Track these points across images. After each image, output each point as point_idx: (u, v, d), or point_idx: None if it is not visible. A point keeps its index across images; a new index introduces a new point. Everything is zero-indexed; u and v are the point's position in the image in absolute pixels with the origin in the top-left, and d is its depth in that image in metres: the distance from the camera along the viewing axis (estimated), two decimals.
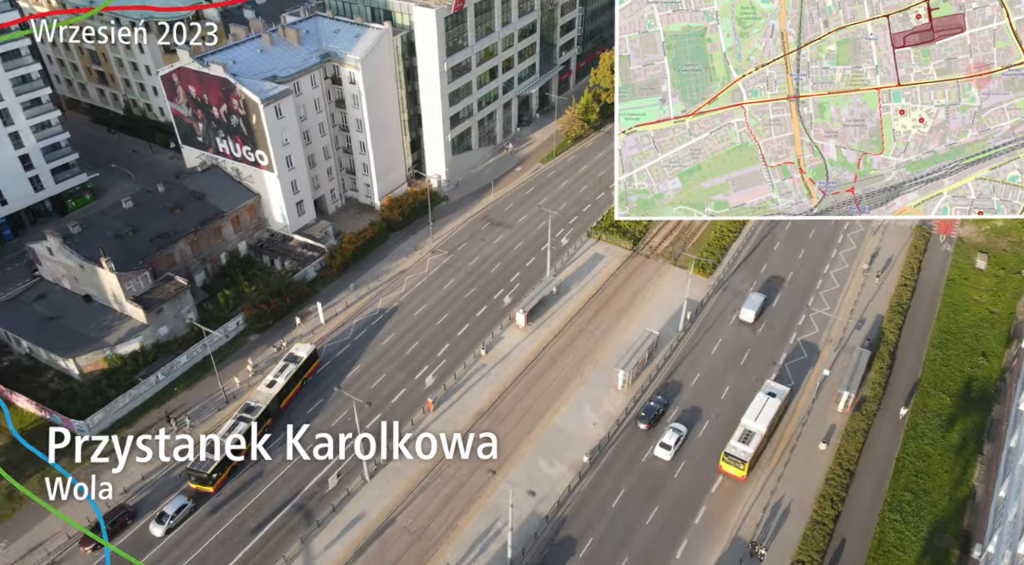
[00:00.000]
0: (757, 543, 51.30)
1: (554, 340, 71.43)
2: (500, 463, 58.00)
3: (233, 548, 52.15)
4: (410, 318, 74.44)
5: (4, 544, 51.99)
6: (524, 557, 51.49)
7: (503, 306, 75.78)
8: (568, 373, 67.62)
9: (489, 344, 70.76)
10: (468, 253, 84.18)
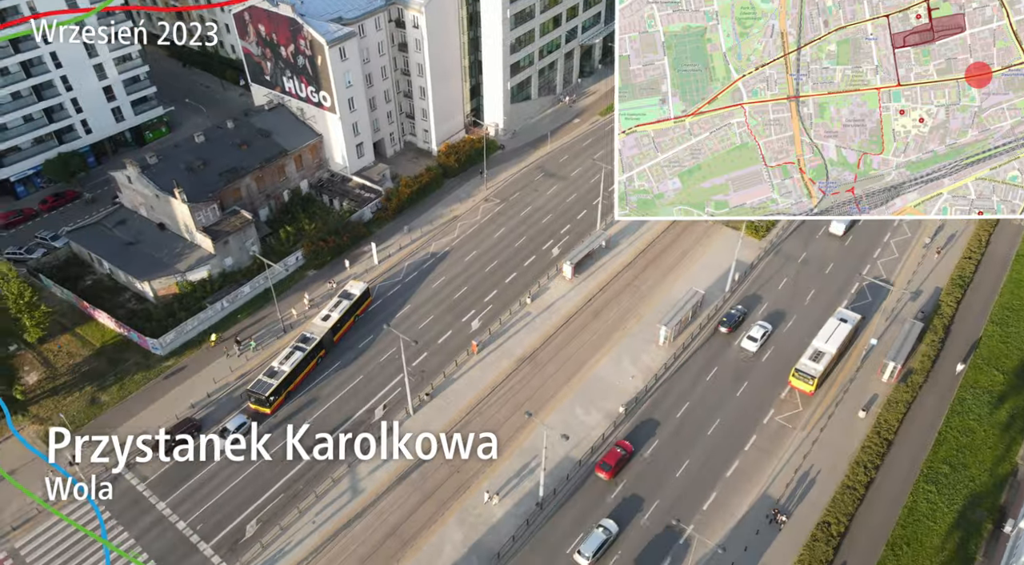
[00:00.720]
0: (779, 510, 51.62)
1: (599, 293, 71.74)
2: (538, 407, 59.63)
3: (286, 466, 55.66)
4: (460, 263, 75.76)
5: (87, 443, 56.79)
6: (555, 497, 53.37)
7: (551, 257, 76.20)
8: (611, 326, 68.08)
9: (535, 293, 71.61)
10: (521, 203, 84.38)
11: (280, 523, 51.39)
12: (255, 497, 53.38)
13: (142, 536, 50.73)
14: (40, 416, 58.87)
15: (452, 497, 53.32)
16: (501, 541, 50.31)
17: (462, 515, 52.08)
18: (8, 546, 49.98)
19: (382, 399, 60.65)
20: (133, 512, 52.30)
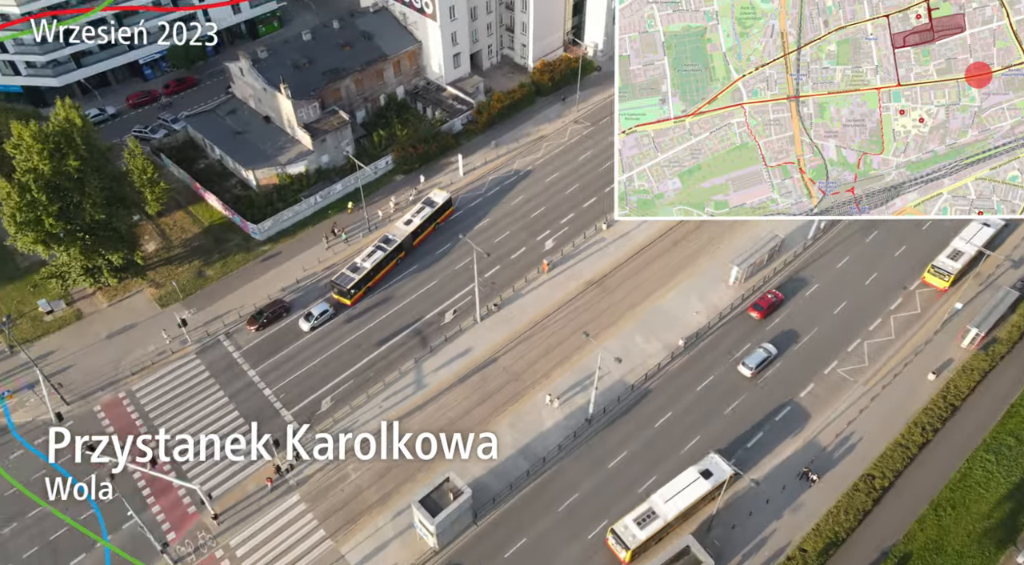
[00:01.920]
0: (811, 469, 51.30)
1: (677, 226, 70.31)
2: (598, 330, 60.60)
3: (361, 353, 59.82)
4: (541, 183, 75.66)
5: (193, 310, 62.81)
6: (604, 415, 55.11)
7: None
8: (683, 261, 67.11)
9: (613, 219, 71.06)
10: (610, 127, 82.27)
11: (351, 403, 55.82)
12: (331, 377, 57.92)
13: (234, 396, 56.43)
14: (156, 281, 65.09)
15: (507, 402, 56.02)
16: (548, 448, 52.91)
17: (514, 420, 54.83)
18: (127, 388, 56.95)
19: (453, 304, 63.19)
20: (228, 375, 58.03)
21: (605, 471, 51.65)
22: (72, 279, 60.84)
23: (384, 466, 51.83)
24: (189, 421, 54.75)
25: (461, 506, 46.32)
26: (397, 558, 46.83)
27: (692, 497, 46.96)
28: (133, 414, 55.22)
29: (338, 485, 50.83)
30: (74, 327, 61.34)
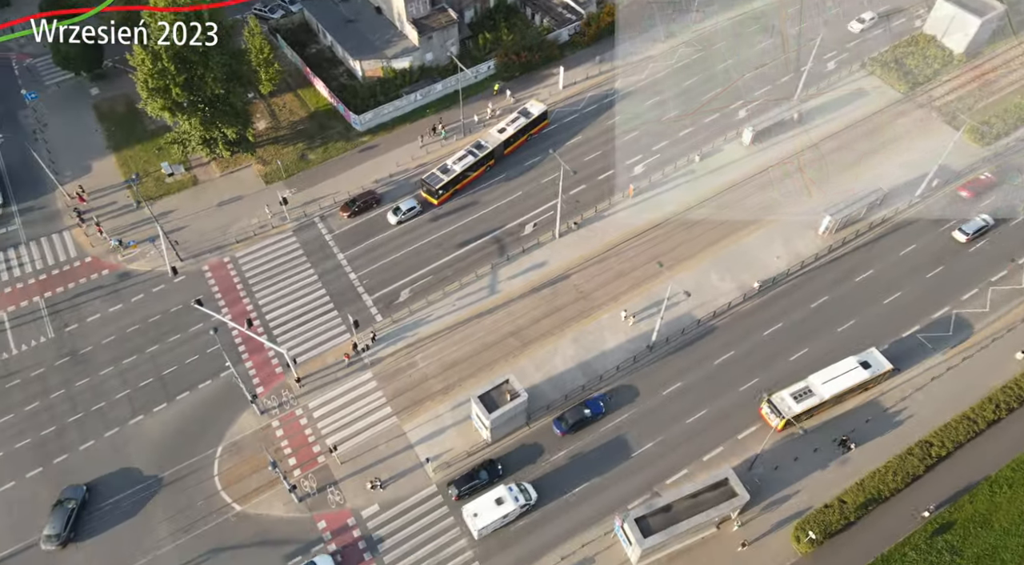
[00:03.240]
0: (849, 438, 49.51)
1: (774, 167, 66.32)
2: (672, 262, 59.32)
3: (441, 252, 61.17)
4: (640, 104, 72.19)
5: (294, 190, 65.41)
6: (666, 344, 54.92)
7: (736, 118, 70.34)
8: (773, 203, 63.67)
9: (707, 152, 67.61)
10: (722, 54, 76.63)
11: (427, 298, 57.82)
12: (411, 270, 59.81)
13: (323, 276, 59.47)
14: (263, 159, 67.77)
15: (573, 318, 56.55)
16: (606, 367, 53.61)
17: (578, 336, 55.51)
18: (231, 254, 60.94)
19: (534, 217, 62.95)
20: (318, 255, 60.91)
21: (658, 398, 52.10)
22: (191, 147, 64.16)
23: (450, 360, 54.16)
24: (281, 292, 58.36)
25: (516, 407, 48.20)
26: (453, 444, 49.77)
27: (848, 383, 49.12)
28: (235, 278, 59.31)
29: (407, 370, 53.69)
30: (190, 191, 65.31)
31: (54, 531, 44.92)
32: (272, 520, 46.30)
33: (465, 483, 47.03)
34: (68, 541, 45.23)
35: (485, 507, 45.06)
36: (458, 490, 46.79)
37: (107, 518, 46.51)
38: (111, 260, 59.97)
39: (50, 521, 45.25)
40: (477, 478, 47.28)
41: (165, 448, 49.47)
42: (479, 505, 45.24)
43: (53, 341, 54.97)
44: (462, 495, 46.78)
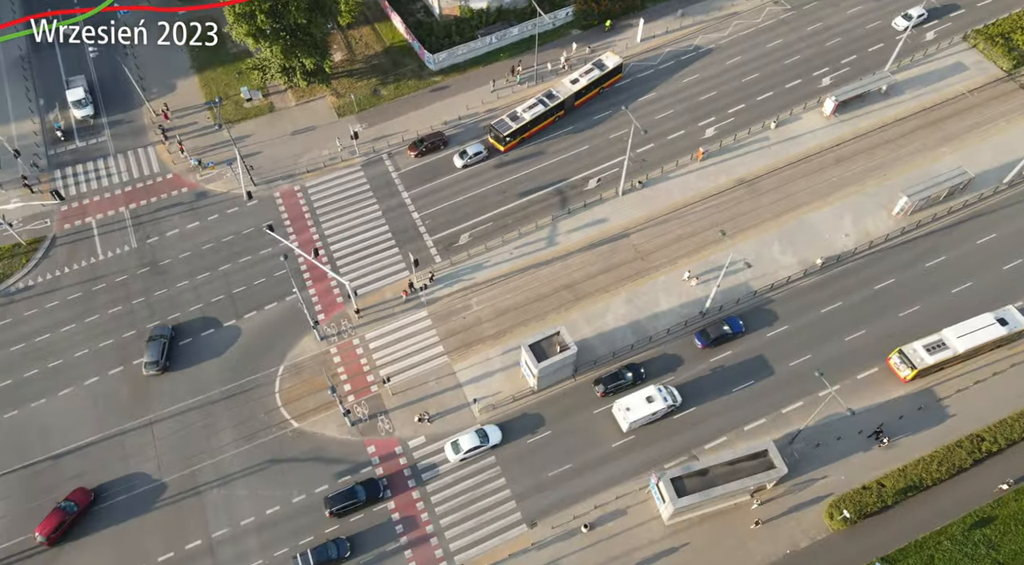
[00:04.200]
0: (881, 430, 47.47)
1: (852, 140, 62.23)
2: (735, 231, 57.00)
3: (503, 200, 60.11)
4: (720, 65, 68.16)
5: (365, 125, 64.81)
6: (719, 312, 53.38)
7: (818, 86, 65.83)
8: (848, 178, 60.06)
9: (783, 120, 63.75)
10: (813, 15, 71.19)
11: (486, 243, 57.24)
12: (472, 215, 59.11)
13: (387, 212, 59.37)
14: (337, 91, 67.09)
15: (629, 278, 55.34)
16: (657, 328, 52.60)
17: (631, 296, 54.41)
18: (301, 182, 61.31)
19: (598, 172, 61.02)
20: (384, 192, 60.69)
21: (704, 365, 50.97)
22: (271, 74, 63.83)
23: (504, 307, 53.98)
24: (346, 224, 58.64)
25: (565, 359, 47.93)
26: (500, 388, 50.11)
27: (983, 338, 47.81)
28: (303, 206, 59.81)
29: (461, 312, 53.81)
30: (266, 118, 65.41)
31: (152, 358, 50.03)
32: (325, 439, 47.98)
33: (612, 381, 49.07)
34: (165, 369, 50.22)
35: (636, 403, 46.97)
36: (604, 387, 48.74)
37: (178, 423, 49.04)
38: (190, 179, 61.11)
39: (148, 351, 50.36)
40: (623, 378, 49.03)
41: (231, 361, 51.33)
42: (631, 401, 47.18)
43: (136, 251, 56.91)
44: (608, 392, 48.74)
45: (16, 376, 50.30)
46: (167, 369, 50.67)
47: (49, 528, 43.07)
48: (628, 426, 47.01)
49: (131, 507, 45.37)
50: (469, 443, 46.59)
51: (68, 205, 59.05)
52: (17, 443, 47.57)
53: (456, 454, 46.48)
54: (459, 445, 46.62)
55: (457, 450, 46.56)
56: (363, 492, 44.68)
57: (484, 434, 47.06)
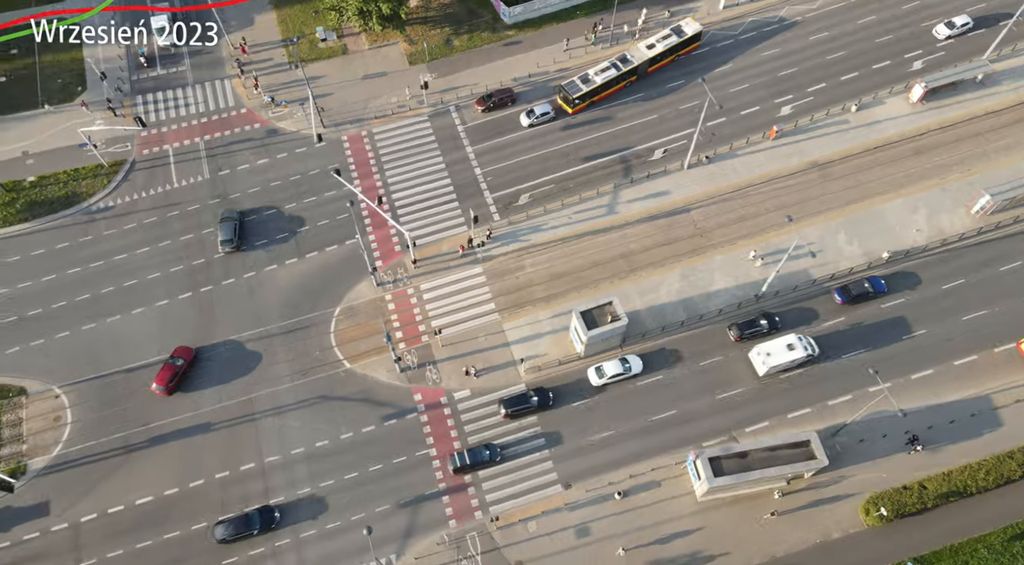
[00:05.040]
0: (917, 439, 45.13)
1: (938, 131, 57.65)
2: (801, 216, 53.98)
3: (567, 163, 57.99)
4: (803, 40, 63.43)
5: (435, 75, 62.90)
6: (775, 297, 51.13)
7: (908, 70, 60.81)
8: (927, 170, 55.95)
9: (865, 104, 59.31)
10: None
11: (546, 205, 55.60)
12: (534, 176, 57.30)
13: (450, 165, 58.01)
14: (411, 38, 65.01)
15: (686, 253, 53.26)
16: (709, 308, 50.79)
17: (687, 272, 52.44)
18: (368, 128, 60.24)
19: (666, 143, 58.08)
20: (448, 145, 59.15)
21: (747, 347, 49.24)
22: (347, 16, 62.03)
23: (558, 271, 52.77)
24: (409, 173, 57.62)
25: (615, 329, 46.76)
26: (546, 349, 49.40)
27: None
28: (369, 152, 58.91)
29: (515, 272, 52.82)
30: (340, 59, 64.02)
31: (226, 237, 52.63)
32: (375, 382, 48.36)
33: (748, 328, 48.82)
34: (238, 248, 52.78)
35: (777, 350, 46.76)
36: (740, 333, 48.60)
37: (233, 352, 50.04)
38: (262, 115, 60.62)
39: (221, 231, 52.88)
40: (758, 325, 48.77)
41: (291, 298, 51.78)
42: (771, 347, 46.94)
43: (208, 181, 57.22)
44: (744, 338, 48.57)
45: (94, 291, 51.83)
46: (239, 249, 52.95)
47: (165, 378, 46.95)
48: (766, 370, 46.75)
49: None
50: (613, 369, 47.04)
51: (148, 131, 59.45)
52: (92, 354, 49.33)
53: (600, 378, 47.08)
54: (603, 370, 47.16)
55: (601, 375, 47.09)
56: (538, 400, 46.36)
57: (627, 362, 47.59)
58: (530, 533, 43.16)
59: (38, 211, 55.05)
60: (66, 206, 55.48)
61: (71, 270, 52.63)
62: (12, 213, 54.71)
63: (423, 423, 46.91)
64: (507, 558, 42.45)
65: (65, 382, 48.10)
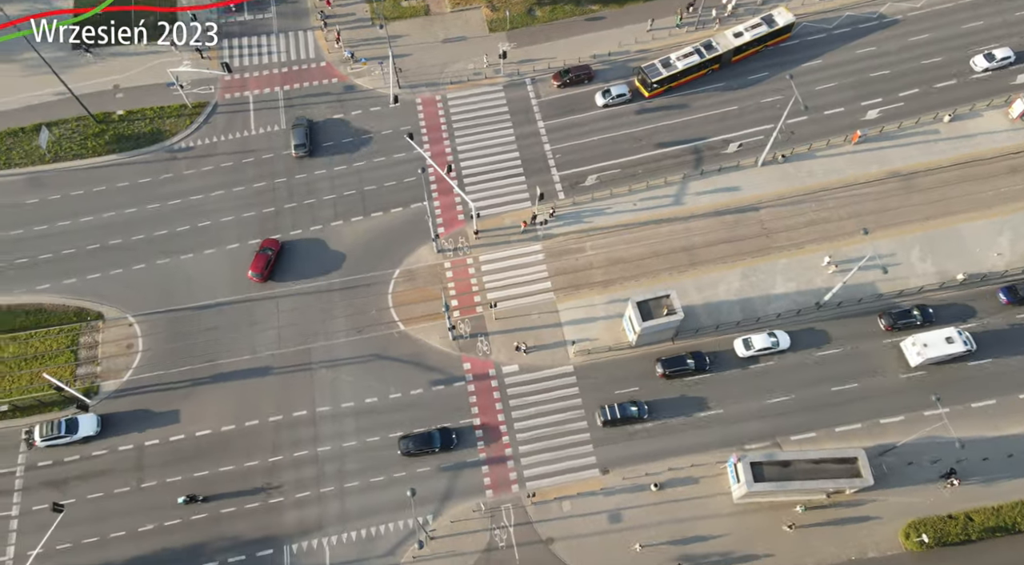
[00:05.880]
0: (953, 472, 42.52)
1: None
2: (876, 228, 50.74)
3: (638, 148, 55.31)
4: (901, 40, 58.61)
5: (513, 45, 60.31)
6: (837, 308, 48.42)
7: (1012, 82, 55.71)
8: (1019, 192, 51.65)
9: (959, 114, 54.78)
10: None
11: (612, 189, 53.52)
12: (603, 157, 54.97)
13: (519, 139, 55.94)
14: (493, 4, 62.23)
15: (749, 253, 50.77)
16: (767, 310, 48.59)
17: (748, 272, 50.10)
18: (442, 94, 58.66)
19: (741, 137, 54.96)
20: (520, 117, 56.88)
21: (808, 357, 46.95)
22: None
23: (617, 257, 51.08)
24: (479, 142, 56.05)
25: (669, 323, 45.18)
26: (598, 334, 48.19)
27: None
28: (441, 117, 57.45)
29: (574, 253, 51.35)
30: (421, 20, 62.10)
31: (299, 141, 54.63)
32: (427, 347, 48.09)
33: (901, 318, 47.04)
34: (310, 153, 54.77)
35: (935, 341, 45.17)
36: (894, 323, 46.93)
37: None
38: (341, 70, 59.55)
39: (294, 136, 54.83)
40: (911, 316, 47.01)
41: (353, 254, 51.56)
42: (929, 338, 45.36)
43: (283, 132, 56.78)
44: (896, 328, 46.93)
45: (171, 228, 52.54)
46: (311, 154, 54.64)
47: (260, 266, 49.75)
48: (919, 361, 45.18)
49: None
50: (761, 343, 46.27)
51: (231, 76, 59.17)
52: (165, 288, 50.28)
53: (747, 350, 46.38)
54: (751, 342, 46.42)
55: (748, 347, 46.37)
56: (695, 362, 46.08)
57: (775, 336, 46.54)
58: (563, 512, 42.88)
59: (124, 145, 55.71)
60: (150, 142, 55.99)
61: (150, 205, 53.39)
62: (101, 144, 55.53)
63: (469, 392, 46.63)
64: (539, 533, 42.36)
65: (139, 312, 49.28)
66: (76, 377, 46.76)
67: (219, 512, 42.96)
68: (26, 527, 42.25)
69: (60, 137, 55.24)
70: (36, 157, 54.66)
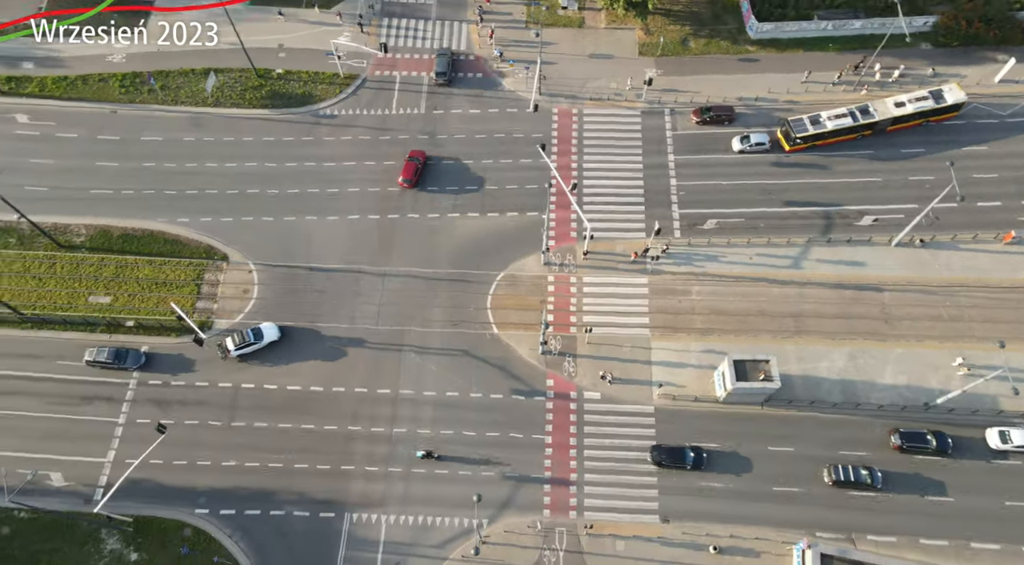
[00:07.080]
0: None
1: None
2: (1011, 339, 45.53)
3: (766, 201, 51.89)
4: None
5: (660, 72, 58.12)
6: (948, 413, 43.95)
7: None
8: None
9: None
10: None
11: (731, 238, 50.77)
12: (728, 204, 52.08)
13: (647, 168, 53.68)
14: (648, 28, 60.02)
15: (862, 334, 46.96)
16: (869, 399, 44.88)
17: (857, 354, 46.38)
18: (580, 109, 57.01)
19: (879, 212, 50.66)
20: (652, 147, 54.44)
21: (894, 456, 43.22)
22: None
23: (721, 308, 48.55)
24: (605, 164, 54.44)
25: (764, 389, 42.61)
26: (686, 383, 46.06)
27: None
28: (574, 131, 56.17)
29: (679, 295, 49.16)
30: (573, 31, 60.72)
31: (441, 69, 56.85)
32: (515, 355, 47.45)
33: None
34: (450, 81, 57.04)
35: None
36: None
37: None
38: (488, 66, 59.24)
39: (436, 64, 57.25)
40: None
41: (463, 249, 51.43)
42: None
43: (421, 116, 57.18)
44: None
45: (302, 188, 54.08)
46: (450, 83, 57.06)
47: (409, 173, 52.74)
48: None
49: None
50: (1020, 439, 42.14)
51: (385, 56, 60.00)
52: (286, 244, 51.92)
53: (1004, 444, 42.42)
54: (1008, 436, 42.41)
55: (1005, 440, 42.45)
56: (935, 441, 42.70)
57: None
58: (616, 551, 41.52)
59: (277, 102, 57.68)
60: (300, 104, 57.72)
61: (288, 164, 55.09)
62: (257, 98, 57.73)
63: (547, 408, 45.77)
64: None
65: (260, 261, 51.18)
66: (195, 310, 49.19)
67: (293, 466, 44.27)
68: (129, 436, 45.03)
69: (223, 85, 57.82)
70: (200, 99, 57.46)
